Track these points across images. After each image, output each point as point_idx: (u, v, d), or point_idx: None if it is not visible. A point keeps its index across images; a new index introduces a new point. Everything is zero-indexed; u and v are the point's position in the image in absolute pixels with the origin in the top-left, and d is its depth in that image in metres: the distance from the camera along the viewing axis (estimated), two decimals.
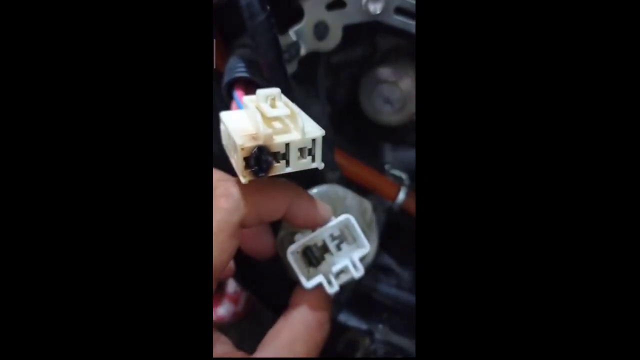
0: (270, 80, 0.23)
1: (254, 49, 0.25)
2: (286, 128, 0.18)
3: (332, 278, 0.22)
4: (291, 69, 0.27)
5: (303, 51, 0.28)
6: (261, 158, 0.17)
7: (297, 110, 0.18)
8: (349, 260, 0.22)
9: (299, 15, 0.27)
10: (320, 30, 0.27)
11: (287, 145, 0.18)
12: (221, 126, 0.20)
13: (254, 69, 0.24)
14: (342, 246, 0.23)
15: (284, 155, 0.18)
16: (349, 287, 0.30)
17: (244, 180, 0.18)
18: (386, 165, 0.39)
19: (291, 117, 0.18)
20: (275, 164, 0.18)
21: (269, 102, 0.18)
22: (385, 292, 0.32)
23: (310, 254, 0.23)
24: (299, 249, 0.22)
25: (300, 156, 0.18)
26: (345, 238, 0.23)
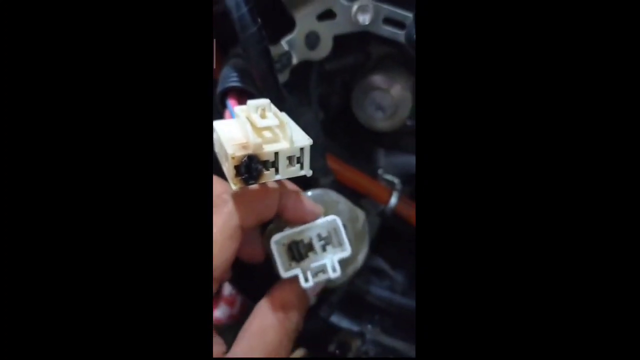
0: (262, 90, 0.24)
1: (247, 59, 0.26)
2: (275, 137, 0.19)
3: (309, 274, 0.22)
4: (283, 77, 0.28)
5: (295, 60, 0.28)
6: (251, 166, 0.18)
7: (286, 119, 0.19)
8: (328, 260, 0.23)
9: (290, 25, 0.28)
10: (312, 40, 0.28)
11: (276, 154, 0.18)
12: (214, 135, 0.20)
13: (247, 78, 0.25)
14: (328, 248, 0.23)
15: (273, 163, 0.19)
16: (341, 289, 0.31)
17: (234, 187, 0.18)
18: (379, 170, 0.40)
19: (280, 127, 0.19)
20: (265, 172, 0.18)
21: (259, 113, 0.19)
22: (377, 295, 0.33)
23: (295, 249, 0.23)
24: (285, 241, 0.23)
25: (289, 164, 0.19)
26: (331, 241, 0.24)
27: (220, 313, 0.37)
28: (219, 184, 0.24)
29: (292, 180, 0.23)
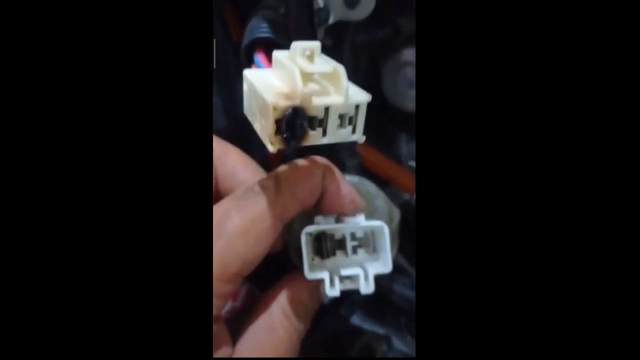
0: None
1: (279, 11, 0.22)
2: (324, 90, 0.15)
3: (337, 280, 0.19)
4: (319, 36, 0.24)
5: (331, 19, 0.25)
6: (296, 122, 0.14)
7: (341, 68, 0.15)
8: (362, 271, 0.19)
9: None
10: None
11: (327, 109, 0.15)
12: (244, 86, 0.16)
13: (279, 30, 0.21)
14: (359, 251, 0.20)
15: (321, 121, 0.15)
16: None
17: (272, 148, 0.15)
18: (401, 158, 0.37)
19: (333, 77, 0.15)
20: (311, 132, 0.15)
21: (306, 57, 0.15)
22: (401, 294, 0.29)
23: (323, 242, 0.20)
24: (315, 233, 0.19)
25: (340, 125, 0.15)
26: (366, 244, 0.20)
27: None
28: (252, 170, 0.21)
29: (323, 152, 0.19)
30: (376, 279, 0.19)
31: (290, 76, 0.14)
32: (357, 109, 0.15)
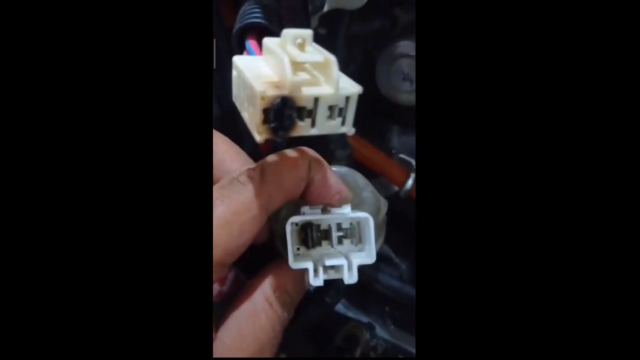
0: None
1: None
2: (315, 80, 0.15)
3: (321, 270, 0.19)
4: (312, 23, 0.24)
5: (326, 7, 0.24)
6: (284, 112, 0.14)
7: (332, 58, 0.15)
8: (345, 261, 0.19)
9: None
10: None
11: (316, 99, 0.14)
12: (233, 73, 0.16)
13: (272, 16, 0.21)
14: (345, 241, 0.20)
15: (310, 112, 0.15)
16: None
17: (259, 137, 0.14)
18: (392, 150, 0.37)
19: (323, 66, 0.15)
20: (299, 123, 0.15)
21: (297, 45, 0.15)
22: (387, 284, 0.30)
23: (309, 232, 0.20)
24: (301, 223, 0.19)
25: (330, 116, 0.15)
26: (352, 235, 0.20)
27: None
28: (241, 160, 0.21)
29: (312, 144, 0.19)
30: (361, 269, 0.19)
31: (280, 64, 0.14)
32: (348, 100, 0.15)
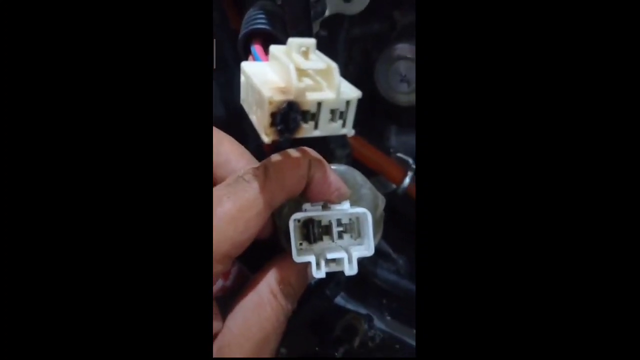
0: (293, 36, 0.21)
1: (276, 2, 0.23)
2: (317, 85, 0.16)
3: (323, 263, 0.20)
4: (314, 28, 0.25)
5: (327, 12, 0.25)
6: (289, 116, 0.15)
7: (334, 65, 0.16)
8: (346, 254, 0.20)
9: None
10: None
11: (319, 104, 0.16)
12: (242, 78, 0.17)
13: (276, 22, 0.22)
14: (344, 236, 0.21)
15: (313, 115, 0.16)
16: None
17: (266, 139, 0.16)
18: (390, 149, 0.38)
19: (326, 73, 0.16)
20: (303, 125, 0.16)
21: (302, 53, 0.16)
22: (384, 278, 0.31)
23: (311, 228, 0.21)
24: (303, 219, 0.20)
25: (332, 119, 0.16)
26: (351, 230, 0.21)
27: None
28: (245, 159, 0.22)
29: (314, 144, 0.20)
30: (361, 263, 0.20)
31: (286, 71, 0.15)
32: (348, 104, 0.16)
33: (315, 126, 0.16)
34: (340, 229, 0.21)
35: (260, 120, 0.16)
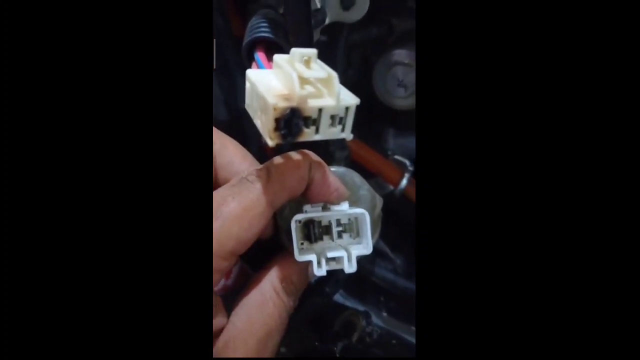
0: (295, 44, 0.22)
1: (280, 8, 0.24)
2: (319, 92, 0.17)
3: (323, 261, 0.21)
4: (315, 36, 0.26)
5: (328, 20, 0.26)
6: (292, 121, 0.16)
7: (334, 74, 0.17)
8: (345, 253, 0.21)
9: None
10: (347, 0, 0.26)
11: (320, 110, 0.17)
12: (247, 84, 0.18)
13: (278, 30, 0.23)
14: (344, 235, 0.22)
15: (314, 120, 0.17)
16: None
17: (271, 143, 0.16)
18: (388, 152, 0.39)
19: (326, 81, 0.17)
20: (305, 130, 0.17)
21: (304, 62, 0.17)
22: (382, 276, 0.32)
23: (311, 228, 0.22)
24: (304, 220, 0.21)
25: (332, 124, 0.17)
26: (350, 229, 0.22)
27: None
28: (248, 162, 0.23)
29: (314, 147, 0.21)
30: (359, 262, 0.21)
31: (289, 79, 0.16)
32: (347, 110, 0.17)
33: (317, 131, 0.17)
34: (340, 228, 0.22)
35: (264, 125, 0.17)
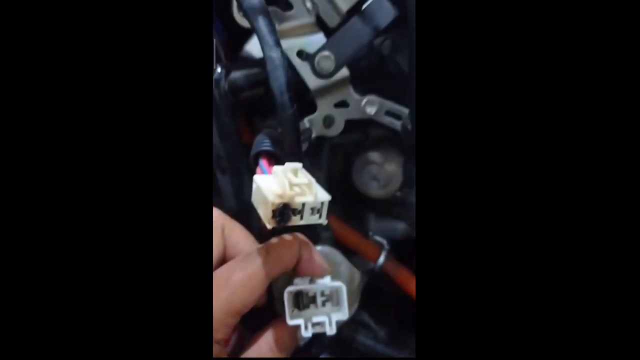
0: (289, 155, 0.31)
1: (277, 130, 0.33)
2: (303, 192, 0.25)
3: (310, 325, 0.26)
4: (304, 147, 0.35)
5: (313, 135, 0.36)
6: (284, 212, 0.24)
7: (313, 180, 0.25)
8: (327, 318, 0.27)
9: (313, 108, 0.36)
10: (328, 121, 0.36)
11: (304, 204, 0.24)
12: (254, 185, 0.26)
13: (277, 144, 0.32)
14: (327, 304, 0.28)
15: (299, 211, 0.24)
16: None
17: (269, 226, 0.24)
18: (370, 233, 0.46)
19: (308, 185, 0.25)
20: (293, 217, 0.24)
21: (292, 172, 0.25)
22: (362, 342, 0.37)
23: (300, 298, 0.28)
24: (294, 291, 0.27)
25: (312, 213, 0.25)
26: (332, 300, 0.28)
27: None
28: (251, 242, 0.30)
29: (303, 230, 0.28)
30: (343, 329, 0.26)
31: (282, 184, 0.24)
32: (322, 204, 0.25)
33: (301, 218, 0.24)
34: (324, 298, 0.28)
35: (264, 214, 0.24)
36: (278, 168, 0.26)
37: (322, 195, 0.25)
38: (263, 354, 0.27)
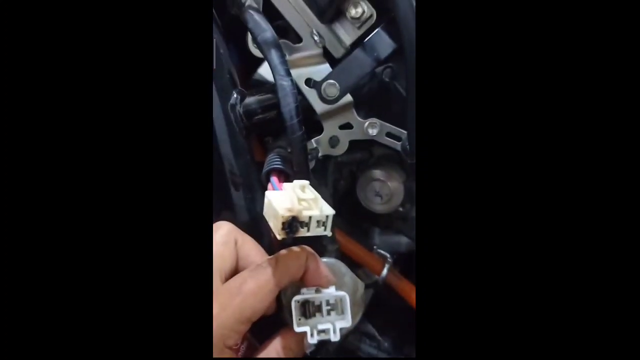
0: (297, 172, 0.33)
1: (287, 150, 0.36)
2: (310, 206, 0.28)
3: (315, 332, 0.28)
4: (311, 165, 0.37)
5: (320, 154, 0.39)
6: (292, 224, 0.26)
7: (318, 196, 0.28)
8: (332, 326, 0.29)
9: (320, 129, 0.39)
10: (333, 142, 0.39)
11: (310, 217, 0.27)
12: (265, 200, 0.29)
13: (286, 163, 0.34)
14: (332, 313, 0.30)
15: (306, 224, 0.27)
16: (337, 342, 0.36)
17: (279, 237, 0.26)
18: (374, 247, 0.48)
19: (314, 200, 0.28)
20: (300, 229, 0.27)
21: (300, 189, 0.28)
22: (366, 351, 0.39)
23: (307, 307, 0.30)
24: (301, 300, 0.30)
25: (317, 226, 0.27)
26: (336, 309, 0.30)
27: None
28: (262, 254, 0.32)
29: (311, 242, 0.31)
30: (348, 339, 0.28)
31: (291, 199, 0.27)
32: (327, 217, 0.27)
33: (307, 230, 0.27)
34: (329, 307, 0.30)
35: (275, 226, 0.27)
36: (287, 184, 0.29)
37: (327, 210, 0.27)
38: None
